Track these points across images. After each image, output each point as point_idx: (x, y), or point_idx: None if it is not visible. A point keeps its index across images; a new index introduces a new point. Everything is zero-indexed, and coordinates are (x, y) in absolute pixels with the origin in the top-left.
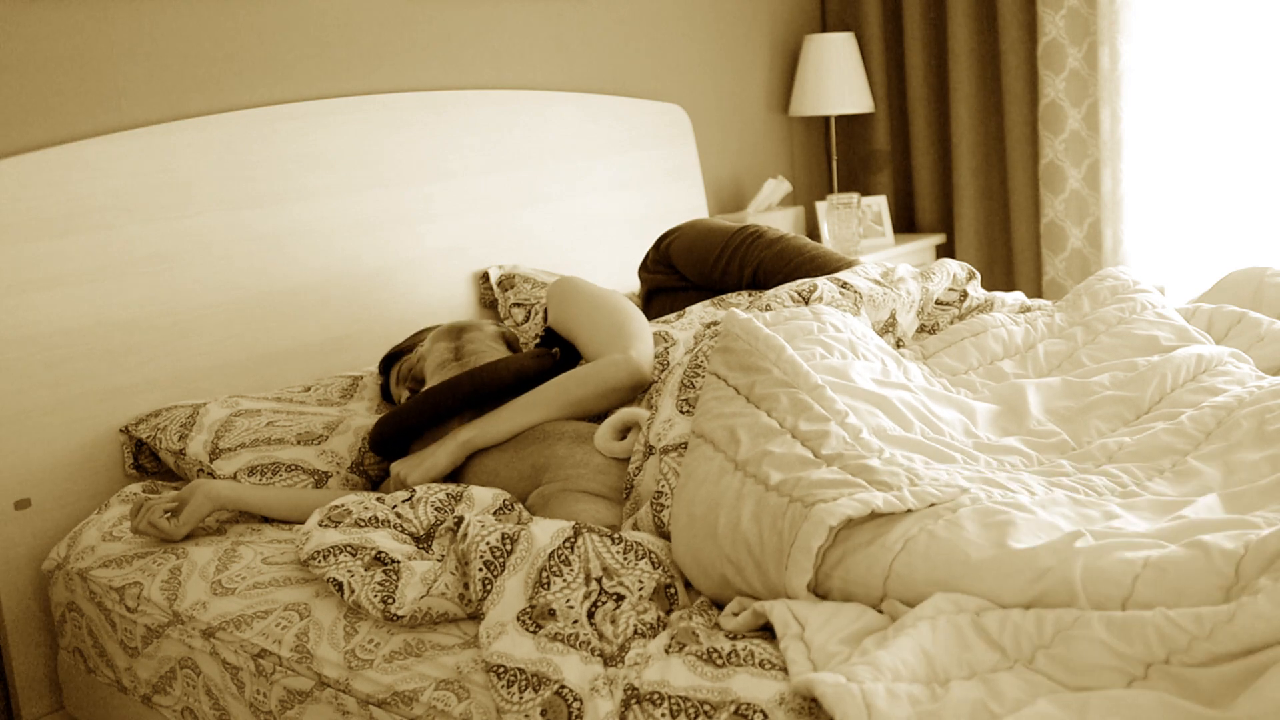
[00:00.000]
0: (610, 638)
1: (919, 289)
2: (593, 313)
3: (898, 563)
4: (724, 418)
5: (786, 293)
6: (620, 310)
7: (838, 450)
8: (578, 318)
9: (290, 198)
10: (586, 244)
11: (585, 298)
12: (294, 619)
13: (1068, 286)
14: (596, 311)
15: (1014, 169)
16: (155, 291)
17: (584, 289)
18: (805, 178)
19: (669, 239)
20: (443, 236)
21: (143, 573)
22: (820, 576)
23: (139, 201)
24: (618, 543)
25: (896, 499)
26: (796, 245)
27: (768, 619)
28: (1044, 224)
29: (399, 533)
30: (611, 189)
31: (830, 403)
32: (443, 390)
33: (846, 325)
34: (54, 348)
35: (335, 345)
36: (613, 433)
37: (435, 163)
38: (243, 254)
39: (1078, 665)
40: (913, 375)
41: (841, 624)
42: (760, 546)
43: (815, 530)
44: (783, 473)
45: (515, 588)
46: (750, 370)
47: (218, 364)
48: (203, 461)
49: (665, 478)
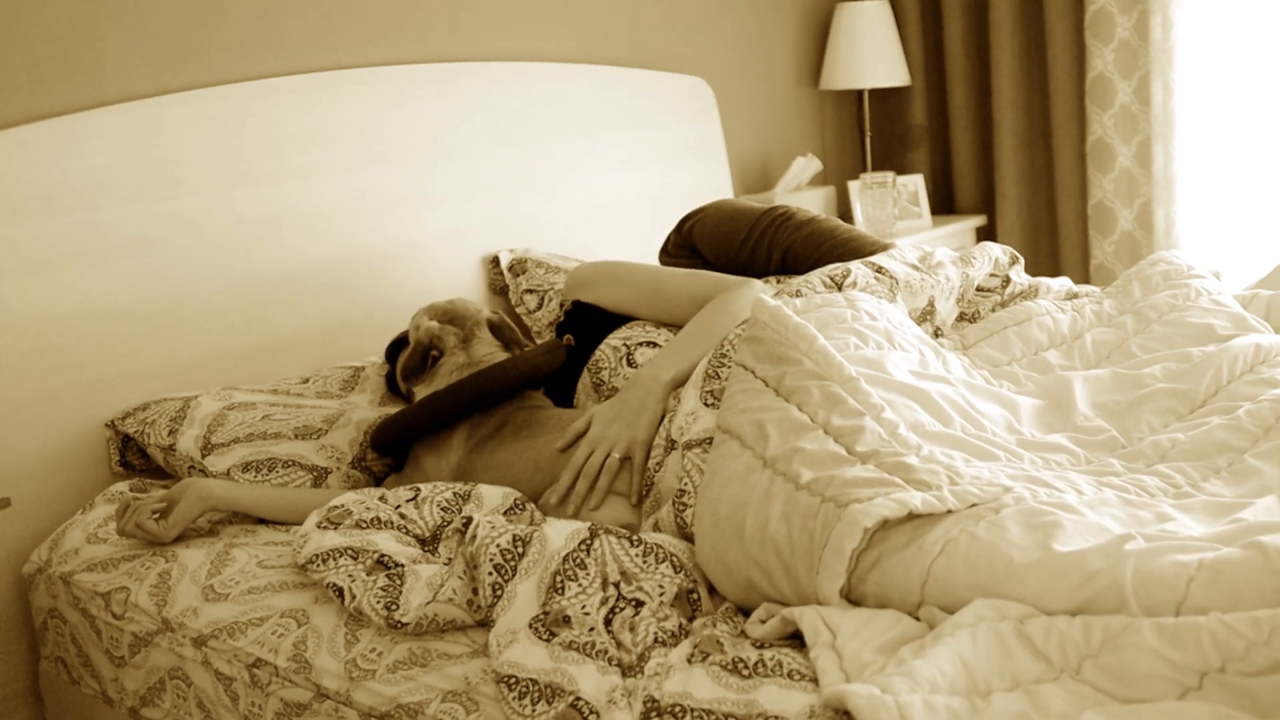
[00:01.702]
0: (629, 646)
1: (958, 274)
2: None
3: (936, 566)
4: (751, 412)
5: (818, 278)
6: (682, 269)
7: (873, 447)
8: (653, 287)
9: (286, 177)
10: (602, 227)
11: (641, 270)
12: (291, 626)
13: (1117, 271)
14: (670, 274)
15: (1060, 146)
16: (142, 277)
17: (631, 264)
18: (837, 155)
19: (691, 221)
20: (448, 218)
21: (130, 577)
22: (854, 581)
23: (125, 181)
24: (637, 545)
25: (935, 499)
26: (828, 228)
27: (797, 626)
28: (1091, 205)
29: (403, 534)
30: (629, 168)
31: (865, 396)
32: (450, 393)
33: (882, 313)
34: (34, 337)
35: (335, 334)
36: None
37: (440, 140)
38: (236, 237)
39: (1128, 675)
40: (952, 367)
41: (876, 632)
42: (790, 549)
43: (849, 532)
44: (814, 470)
45: (527, 593)
46: (780, 361)
47: (210, 354)
48: (194, 458)
49: (688, 475)
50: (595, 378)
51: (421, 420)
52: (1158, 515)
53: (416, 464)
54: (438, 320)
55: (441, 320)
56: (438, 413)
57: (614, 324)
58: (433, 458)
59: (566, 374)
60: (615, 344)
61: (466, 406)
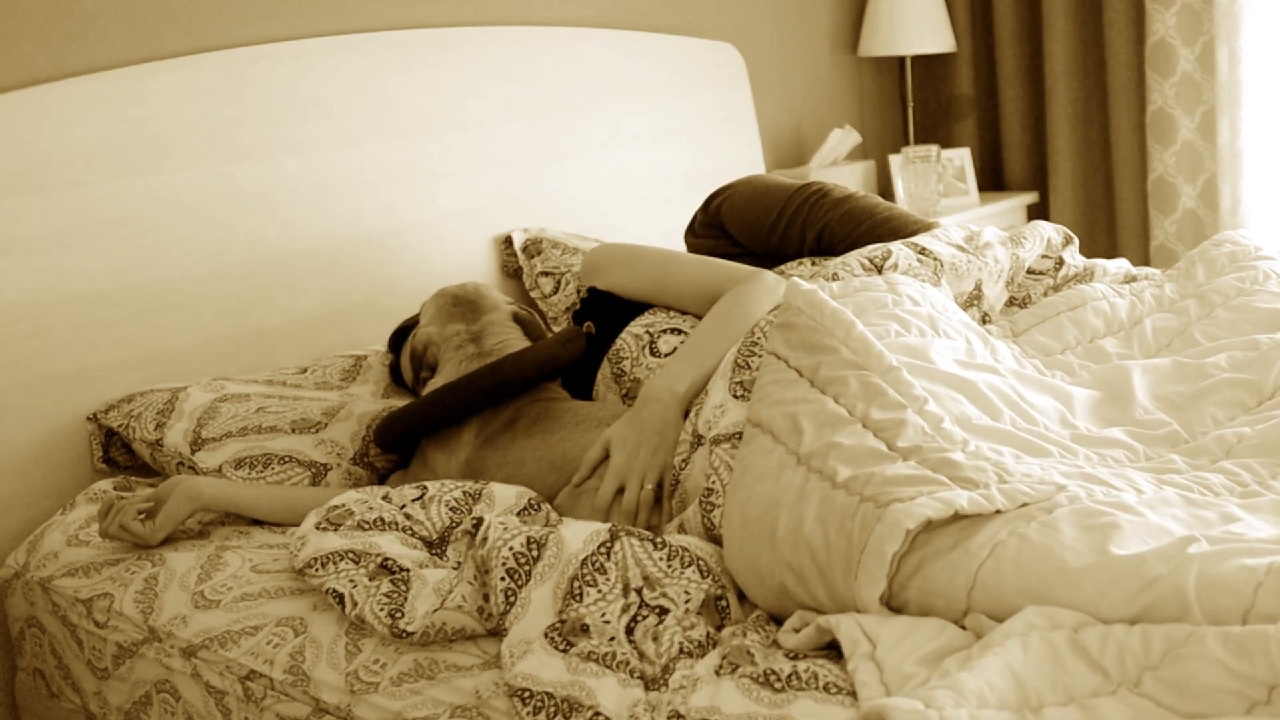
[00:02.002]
0: (652, 657)
1: (1008, 256)
2: (679, 264)
3: (984, 571)
4: (785, 404)
5: (856, 260)
6: (694, 256)
7: (916, 442)
8: (661, 275)
9: (283, 150)
10: (624, 204)
11: (650, 256)
12: (288, 636)
13: (1179, 253)
14: (681, 262)
15: (1117, 117)
16: (127, 258)
17: (641, 249)
18: (877, 127)
19: (720, 198)
20: (458, 195)
21: (113, 582)
22: (895, 587)
23: (108, 155)
24: (661, 548)
25: (983, 498)
26: (866, 205)
27: (834, 635)
28: (1151, 181)
29: (408, 536)
30: (653, 141)
31: (907, 387)
32: (461, 387)
33: (925, 297)
34: (10, 324)
35: (335, 320)
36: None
37: (450, 110)
38: (229, 215)
39: (1191, 688)
40: (1001, 355)
41: (919, 641)
42: (826, 552)
43: (889, 533)
44: (852, 468)
45: (543, 600)
46: (815, 349)
47: (200, 342)
48: (183, 453)
49: (716, 472)
50: (616, 368)
51: (430, 415)
52: (1223, 516)
53: (424, 461)
54: (446, 310)
55: (451, 308)
56: (448, 407)
57: (635, 310)
58: (442, 454)
59: (585, 364)
60: (637, 331)
61: (479, 401)
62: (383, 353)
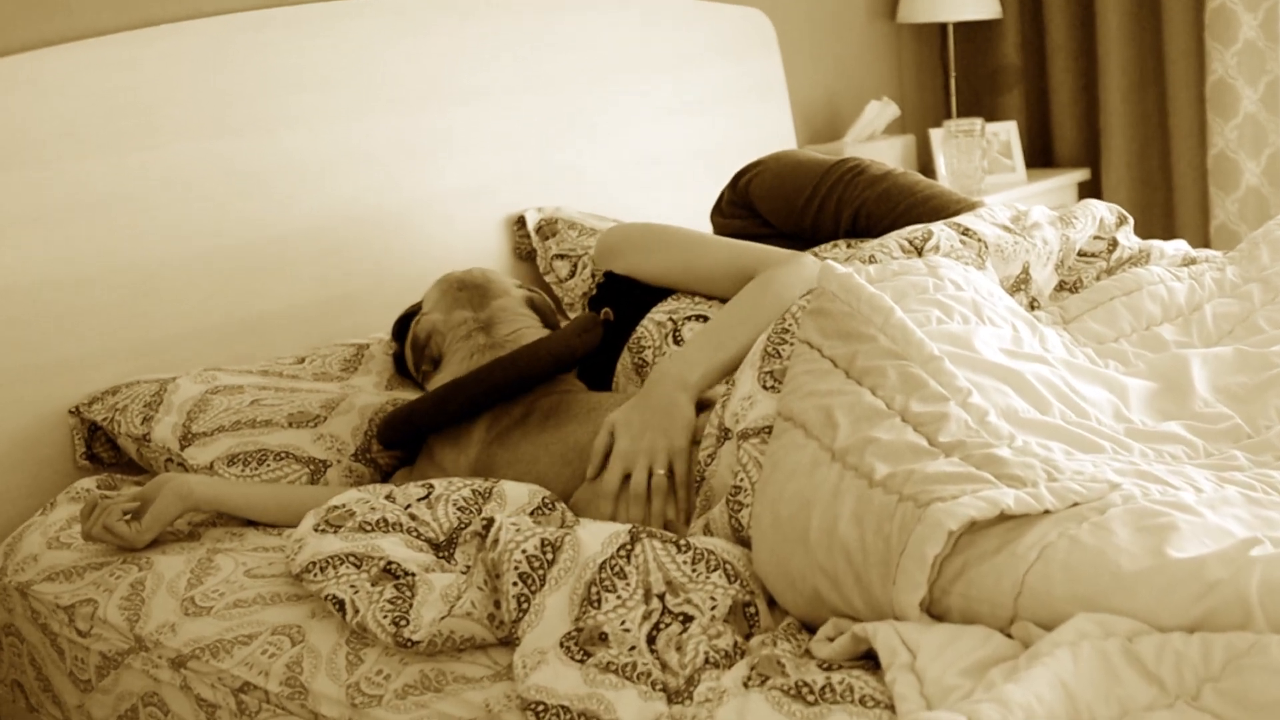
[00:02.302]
0: (675, 668)
1: (1058, 237)
2: (707, 246)
3: (1032, 575)
4: (818, 396)
5: (894, 241)
6: (725, 239)
7: (959, 437)
8: (687, 259)
9: (279, 124)
10: (645, 182)
11: (675, 237)
12: (284, 645)
13: (1241, 233)
14: (709, 244)
15: (1175, 87)
16: (112, 240)
17: (665, 229)
18: (916, 99)
19: (748, 176)
20: (467, 172)
21: (97, 588)
22: (936, 592)
23: (91, 130)
24: (685, 551)
25: (1031, 497)
26: (906, 183)
27: (870, 645)
28: (1212, 156)
29: (413, 539)
30: (677, 114)
31: (950, 378)
32: (471, 383)
33: (969, 282)
34: None
35: (335, 306)
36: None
37: (458, 81)
38: (221, 194)
39: (1253, 701)
40: (1051, 344)
41: (962, 651)
42: (862, 555)
43: (931, 535)
44: (891, 464)
45: (558, 606)
46: (850, 338)
47: (190, 330)
48: (171, 449)
49: (744, 469)
50: (637, 358)
51: (438, 413)
52: None
53: (431, 457)
54: (450, 296)
55: (456, 293)
56: (458, 404)
57: (656, 295)
58: (451, 451)
59: (603, 353)
60: (659, 319)
61: (491, 397)
62: (386, 341)
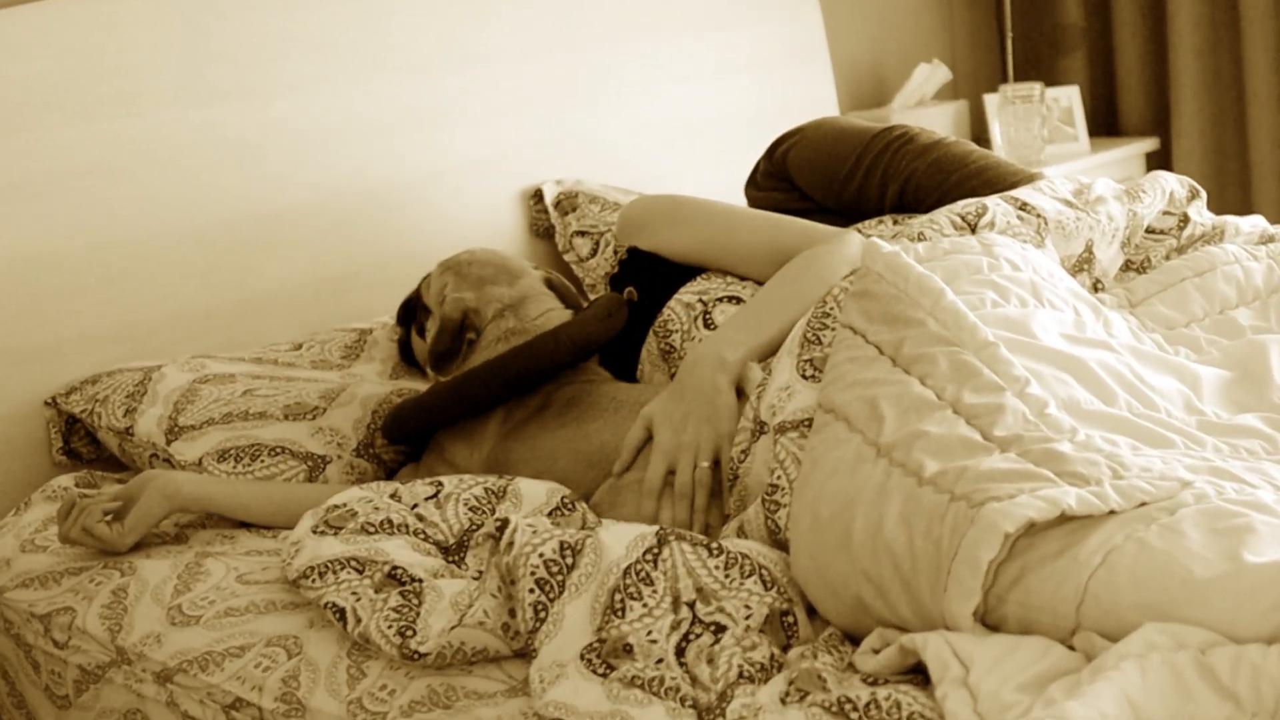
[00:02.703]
0: (707, 683)
1: (1124, 213)
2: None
3: (1096, 582)
4: (862, 386)
5: (945, 217)
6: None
7: (1016, 430)
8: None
9: (273, 91)
10: (673, 152)
11: (708, 211)
12: (280, 657)
13: None
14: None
15: (1251, 49)
16: (91, 217)
17: (697, 202)
18: (970, 62)
19: (786, 145)
20: (479, 141)
21: (75, 595)
22: (991, 600)
23: (69, 95)
24: (717, 555)
25: (1095, 496)
26: (958, 153)
27: (919, 658)
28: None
29: (421, 541)
30: (708, 78)
31: (1006, 366)
32: (485, 374)
33: (1027, 261)
34: None
35: (335, 288)
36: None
37: (468, 41)
38: (209, 166)
39: None
40: (1116, 329)
41: (1019, 664)
42: (910, 560)
43: (985, 538)
44: (941, 461)
45: (578, 615)
46: (897, 322)
47: (176, 313)
48: (157, 444)
49: (782, 466)
50: (664, 343)
51: (450, 407)
52: None
53: (440, 453)
54: (473, 273)
55: (480, 270)
56: (471, 398)
57: (684, 274)
58: (464, 446)
59: (627, 338)
60: (688, 300)
61: (508, 389)
62: (391, 326)
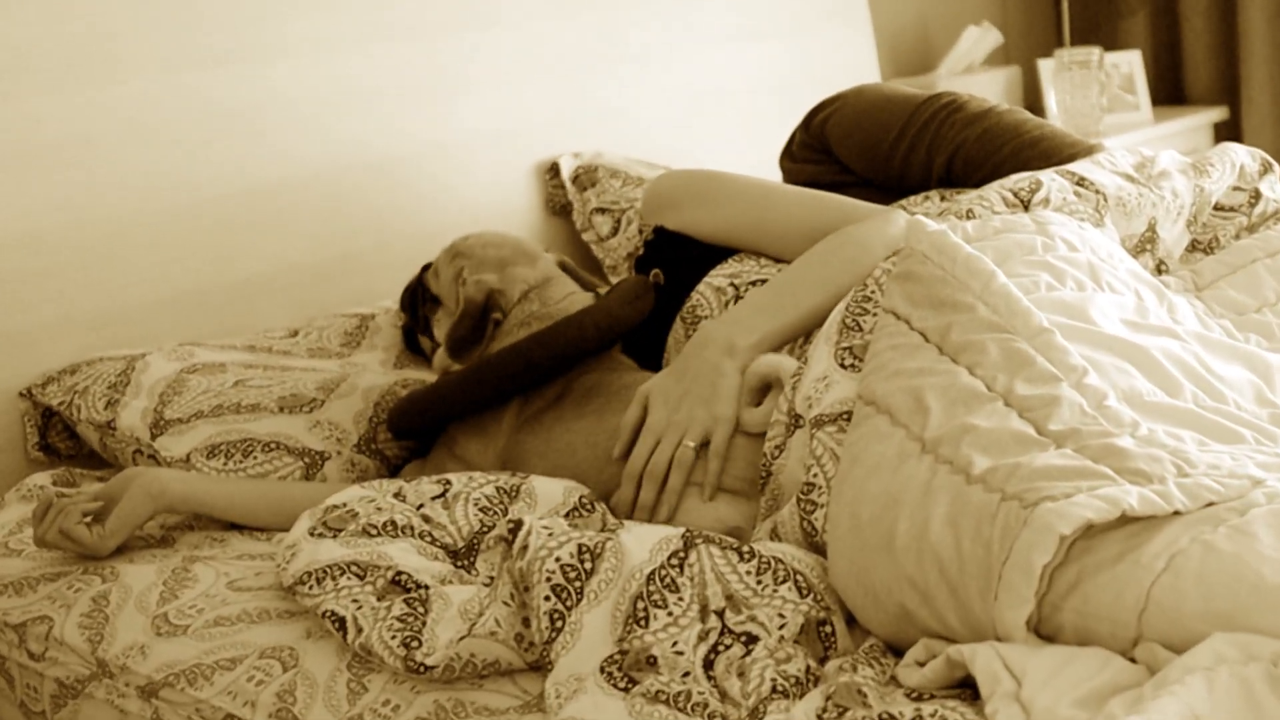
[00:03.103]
0: (737, 698)
1: (1190, 188)
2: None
3: (1159, 588)
4: (906, 376)
5: (996, 193)
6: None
7: (1072, 424)
8: (754, 213)
9: (266, 56)
10: (701, 122)
11: (741, 187)
12: (274, 670)
13: None
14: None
15: None
16: (69, 192)
17: (728, 177)
18: (1022, 25)
19: (825, 113)
20: (489, 111)
21: (53, 603)
22: (1046, 608)
23: (43, 61)
24: (748, 559)
25: (1158, 495)
26: (1010, 123)
27: (968, 670)
28: None
29: (427, 544)
30: (739, 40)
31: (1061, 355)
32: (501, 362)
33: (1085, 241)
34: None
35: (334, 269)
36: (746, 394)
37: (477, 3)
38: (197, 137)
39: None
40: (1181, 314)
41: (1076, 677)
42: (958, 564)
43: (1039, 540)
44: (992, 457)
45: (598, 625)
46: (944, 307)
47: (162, 297)
48: (141, 439)
49: (819, 463)
50: (692, 329)
51: (466, 396)
52: None
53: (450, 449)
54: (490, 254)
55: (496, 251)
56: (491, 386)
57: (714, 255)
58: (476, 441)
59: (653, 323)
60: (719, 283)
61: (529, 377)
62: (394, 312)
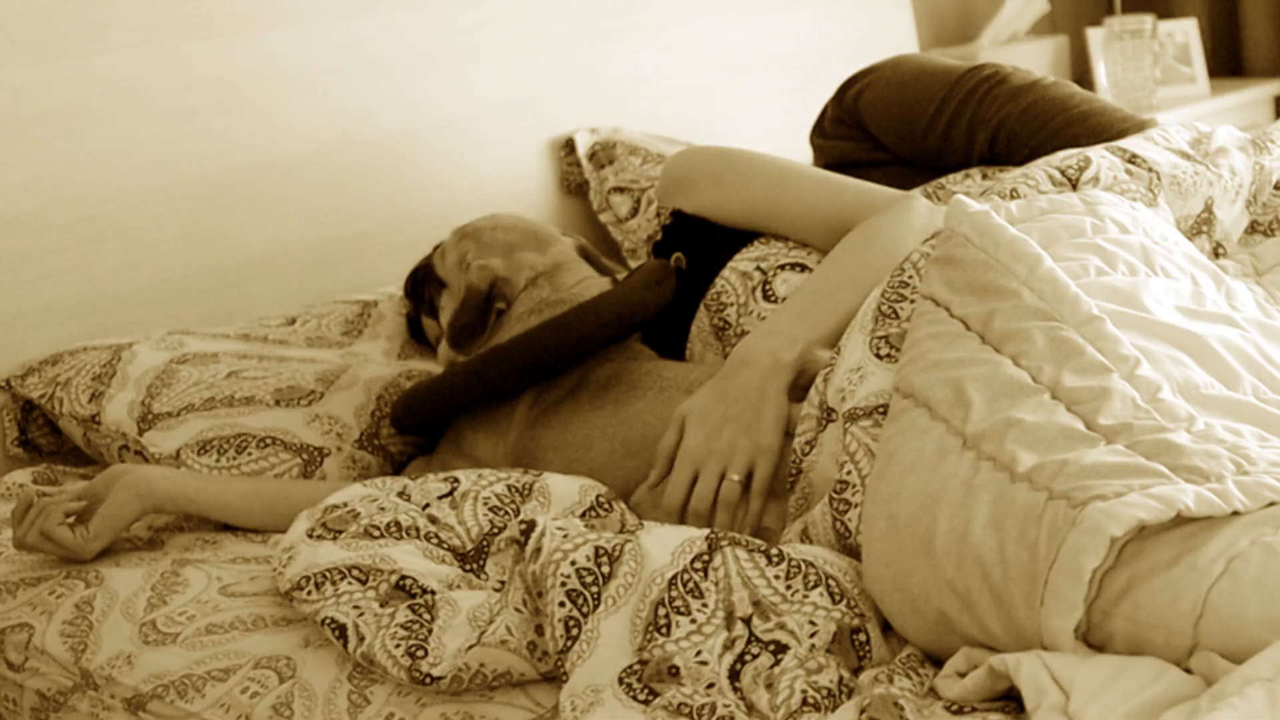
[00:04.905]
0: (765, 710)
1: (1249, 166)
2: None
3: (1217, 594)
4: (946, 367)
5: (1042, 171)
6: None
7: (1124, 418)
8: (769, 194)
9: (262, 23)
10: (727, 95)
11: (758, 168)
12: (270, 681)
13: None
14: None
15: None
16: (51, 170)
17: (747, 156)
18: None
19: (859, 86)
20: (501, 83)
21: (34, 610)
22: (1095, 615)
23: (23, 31)
24: (777, 562)
25: (1215, 494)
26: (1057, 96)
27: (1012, 681)
28: None
29: (434, 547)
30: (767, 9)
31: (1112, 344)
32: (514, 351)
33: (1137, 223)
34: None
35: (334, 253)
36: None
37: None
38: (186, 111)
39: None
40: (1240, 301)
41: (1128, 689)
42: (1001, 568)
43: (1088, 543)
44: (1038, 453)
45: (616, 632)
46: (987, 293)
47: (150, 282)
48: (128, 434)
49: (853, 459)
50: (717, 318)
51: (476, 387)
52: None
53: (458, 444)
54: (499, 238)
55: (505, 235)
56: (502, 377)
57: (737, 238)
58: (487, 437)
59: (674, 311)
60: (744, 268)
61: (544, 367)
62: (399, 299)
